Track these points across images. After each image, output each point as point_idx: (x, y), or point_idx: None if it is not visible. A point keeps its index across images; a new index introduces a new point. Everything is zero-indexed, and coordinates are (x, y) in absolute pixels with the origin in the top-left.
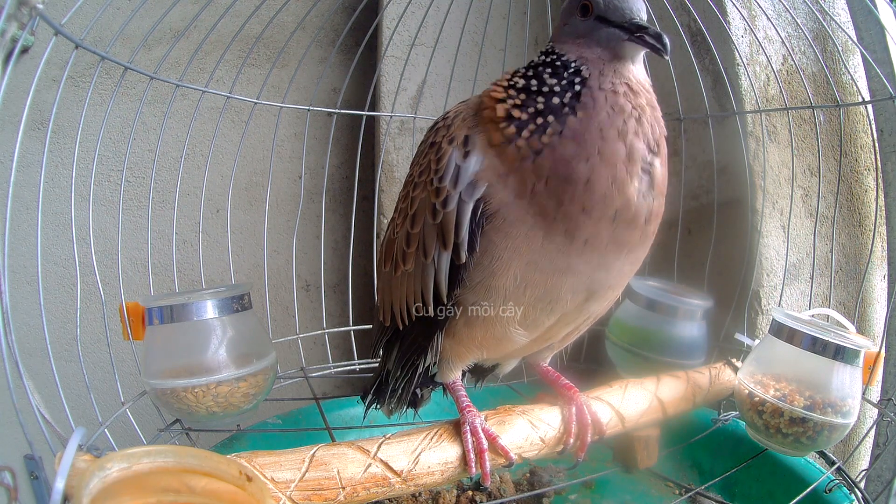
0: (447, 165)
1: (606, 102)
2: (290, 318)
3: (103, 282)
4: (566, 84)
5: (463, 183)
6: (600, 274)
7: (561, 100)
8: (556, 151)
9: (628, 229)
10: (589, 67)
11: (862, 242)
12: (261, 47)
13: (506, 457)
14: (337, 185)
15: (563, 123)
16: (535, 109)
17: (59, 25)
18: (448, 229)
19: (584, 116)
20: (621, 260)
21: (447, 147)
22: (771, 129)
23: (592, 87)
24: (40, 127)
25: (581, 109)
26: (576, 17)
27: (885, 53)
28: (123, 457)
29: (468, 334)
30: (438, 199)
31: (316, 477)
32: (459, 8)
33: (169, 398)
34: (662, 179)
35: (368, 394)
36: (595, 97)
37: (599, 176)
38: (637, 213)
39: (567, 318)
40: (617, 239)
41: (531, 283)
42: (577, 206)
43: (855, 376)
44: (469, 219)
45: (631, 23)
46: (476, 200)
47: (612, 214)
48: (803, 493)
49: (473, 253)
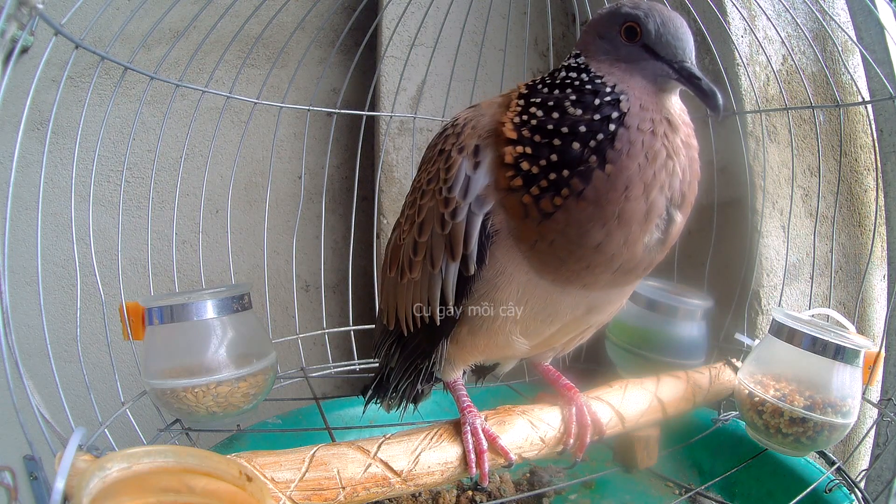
0: (457, 175)
1: (642, 148)
2: (290, 318)
3: (103, 282)
4: (598, 121)
5: (472, 195)
6: (599, 296)
7: (584, 146)
8: (569, 215)
9: (627, 275)
10: (629, 99)
11: (862, 242)
12: (261, 47)
13: (505, 457)
14: (337, 185)
15: (585, 180)
16: (547, 162)
17: (59, 25)
18: (457, 240)
19: (614, 171)
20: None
21: (457, 156)
22: (771, 129)
23: (631, 126)
24: (40, 127)
25: (613, 161)
26: (618, 37)
27: (884, 53)
28: (123, 457)
29: (471, 341)
30: (447, 210)
31: (316, 477)
32: (459, 8)
33: (169, 398)
34: (678, 231)
35: (369, 389)
36: (632, 141)
37: (612, 239)
38: (639, 265)
39: (568, 328)
40: (616, 282)
41: (532, 297)
42: (580, 265)
43: (855, 376)
44: (479, 231)
45: (681, 66)
46: (485, 213)
47: (616, 267)
48: (803, 493)
49: (482, 265)
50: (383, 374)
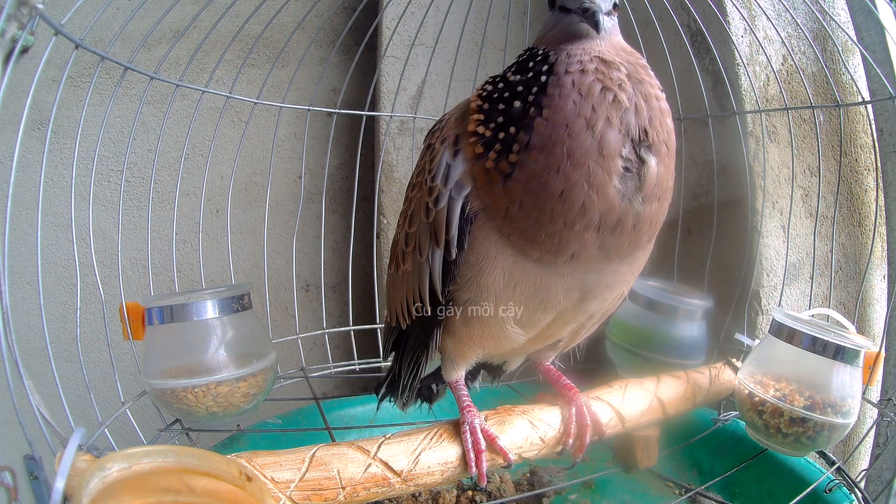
0: (439, 164)
1: (574, 87)
2: (290, 318)
3: (103, 282)
4: (532, 77)
5: (452, 180)
6: (592, 277)
7: (524, 102)
8: (525, 169)
9: (615, 236)
10: (557, 53)
11: (862, 242)
12: (261, 47)
13: (504, 457)
14: (337, 185)
15: (529, 131)
16: (496, 123)
17: (59, 25)
18: (439, 226)
19: (551, 113)
20: (615, 264)
21: (439, 147)
22: (771, 129)
23: (559, 71)
24: (40, 127)
25: (548, 105)
26: (549, 12)
27: (885, 53)
28: (123, 457)
29: (467, 333)
30: (431, 198)
31: (316, 477)
32: (459, 8)
33: (169, 398)
34: (660, 179)
35: (382, 387)
36: (562, 83)
37: (574, 183)
38: (622, 219)
39: (565, 317)
40: (605, 246)
41: (520, 281)
42: (556, 224)
43: (855, 376)
44: (458, 216)
45: (580, 7)
46: (464, 198)
47: (596, 221)
48: (803, 493)
49: (462, 250)
50: (394, 371)
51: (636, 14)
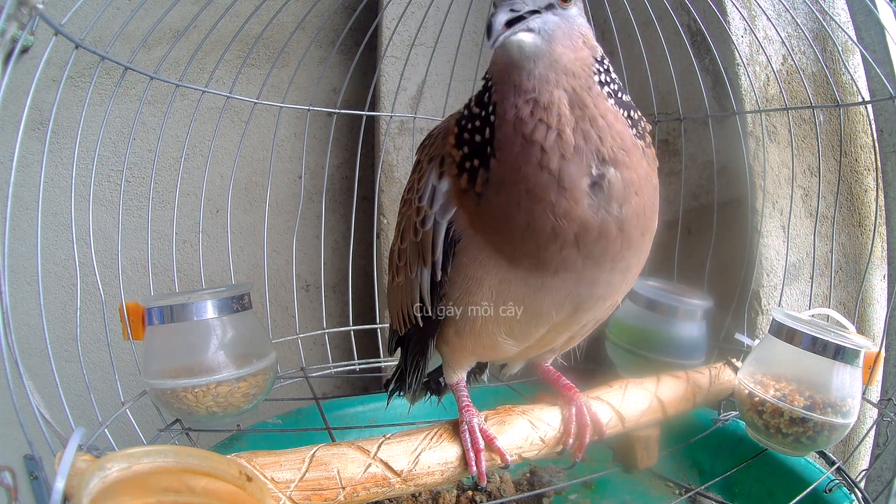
0: (426, 185)
1: (517, 133)
2: (290, 318)
3: (103, 282)
4: (485, 116)
5: (437, 203)
6: (583, 289)
7: (483, 137)
8: (491, 199)
9: (601, 244)
10: (496, 86)
11: (862, 242)
12: (261, 47)
13: (501, 458)
14: (337, 185)
15: (488, 168)
16: (464, 152)
17: (59, 25)
18: (426, 248)
19: (503, 156)
20: (606, 273)
21: (427, 166)
22: (771, 129)
23: (500, 114)
24: (40, 127)
25: (500, 148)
26: None
27: (885, 53)
28: (123, 457)
29: (459, 343)
30: (419, 218)
31: (316, 477)
32: (459, 8)
33: (169, 398)
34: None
35: (391, 382)
36: (505, 130)
37: (538, 214)
38: (603, 228)
39: (558, 328)
40: (592, 255)
41: (509, 297)
42: (531, 245)
43: (855, 376)
44: (443, 239)
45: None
46: (448, 221)
47: (572, 240)
48: (803, 493)
49: (447, 272)
50: (401, 367)
51: (636, 14)
